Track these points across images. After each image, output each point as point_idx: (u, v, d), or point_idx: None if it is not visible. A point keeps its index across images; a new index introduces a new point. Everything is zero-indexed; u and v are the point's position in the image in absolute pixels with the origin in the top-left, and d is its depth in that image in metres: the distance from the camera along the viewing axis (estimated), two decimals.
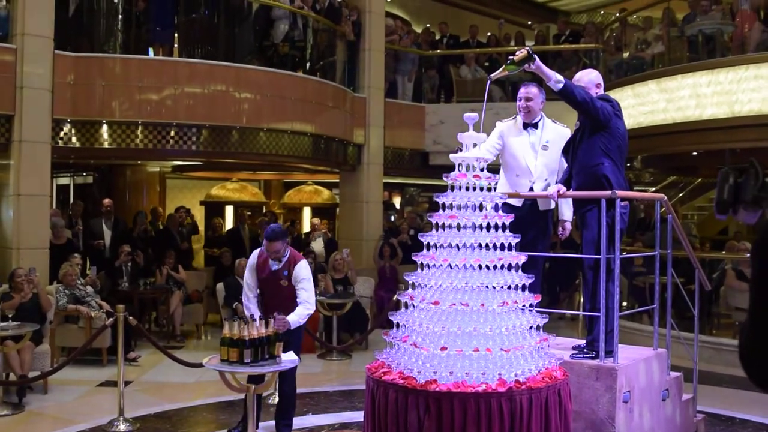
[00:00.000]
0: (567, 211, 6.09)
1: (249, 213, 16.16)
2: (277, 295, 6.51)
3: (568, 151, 5.71)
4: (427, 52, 16.07)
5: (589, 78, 5.71)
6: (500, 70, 5.46)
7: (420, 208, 18.79)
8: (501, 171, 5.93)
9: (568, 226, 6.14)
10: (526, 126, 5.94)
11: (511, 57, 5.42)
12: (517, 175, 5.89)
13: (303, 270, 6.50)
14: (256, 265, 6.58)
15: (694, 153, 12.79)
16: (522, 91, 5.95)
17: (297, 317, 6.28)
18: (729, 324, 11.03)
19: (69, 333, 9.57)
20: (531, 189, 5.86)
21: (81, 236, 11.98)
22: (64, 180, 17.65)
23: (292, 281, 6.46)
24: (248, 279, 6.62)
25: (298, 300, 6.39)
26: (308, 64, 13.18)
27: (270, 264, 6.54)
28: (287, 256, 6.52)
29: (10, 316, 8.07)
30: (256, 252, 6.68)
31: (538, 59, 5.30)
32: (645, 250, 10.77)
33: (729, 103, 10.71)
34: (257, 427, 6.26)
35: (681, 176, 17.68)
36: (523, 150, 5.88)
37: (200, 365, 6.30)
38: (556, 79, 5.30)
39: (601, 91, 5.67)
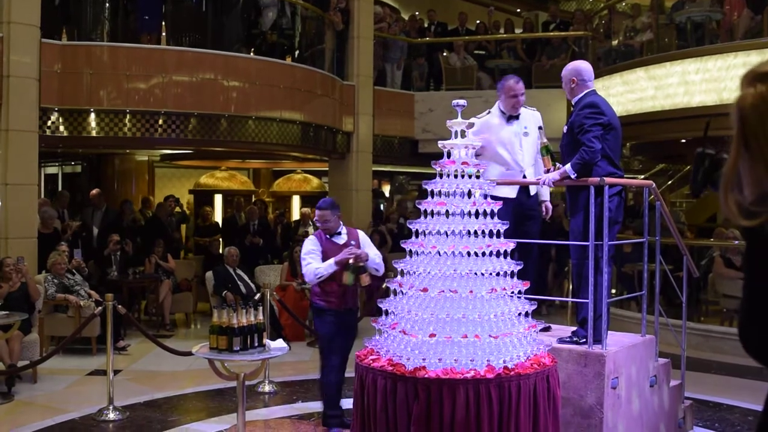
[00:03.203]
0: (546, 192, 6.16)
1: (242, 200, 16.13)
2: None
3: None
4: (416, 40, 16.03)
5: (563, 76, 5.72)
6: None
7: (409, 196, 18.79)
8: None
9: (550, 206, 6.19)
10: (510, 118, 5.98)
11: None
12: (508, 169, 5.91)
13: (366, 236, 6.66)
14: (321, 247, 6.42)
15: (683, 140, 12.83)
16: (520, 87, 5.95)
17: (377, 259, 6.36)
18: (717, 311, 11.08)
19: (58, 322, 9.55)
20: (524, 177, 5.93)
21: (70, 228, 11.95)
22: (52, 169, 17.57)
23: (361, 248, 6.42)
24: (316, 253, 6.38)
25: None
26: (297, 52, 13.14)
27: (334, 240, 6.46)
28: (345, 229, 6.54)
29: None
30: (312, 237, 6.54)
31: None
32: (634, 237, 10.80)
33: (717, 91, 10.73)
34: None
35: (670, 164, 17.73)
36: (511, 143, 5.92)
37: (190, 354, 6.29)
38: (569, 171, 5.36)
39: (577, 86, 5.61)
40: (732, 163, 1.64)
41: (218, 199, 17.32)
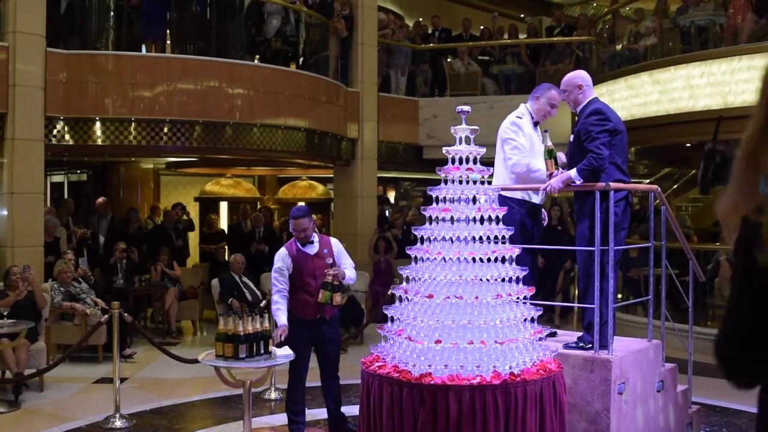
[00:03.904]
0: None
1: (248, 207, 16.15)
2: (322, 276, 6.36)
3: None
4: (420, 46, 16.04)
5: (569, 82, 5.76)
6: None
7: (414, 202, 18.78)
8: (505, 166, 5.94)
9: (545, 214, 6.25)
10: (535, 124, 6.08)
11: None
12: (534, 171, 5.94)
13: (339, 244, 6.64)
14: (292, 259, 6.37)
15: (688, 144, 12.80)
16: (558, 97, 6.00)
17: (351, 273, 6.45)
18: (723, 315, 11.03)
19: (64, 330, 9.57)
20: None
21: (75, 235, 11.98)
22: (58, 178, 17.61)
23: (335, 258, 6.43)
24: (281, 273, 6.38)
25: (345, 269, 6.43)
26: (301, 59, 13.16)
27: (306, 250, 6.41)
28: (317, 237, 6.50)
29: (5, 313, 8.05)
30: (283, 250, 6.48)
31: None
32: (639, 241, 10.78)
33: (722, 95, 10.71)
34: None
35: (675, 168, 17.70)
36: (539, 148, 5.97)
37: (196, 361, 6.31)
38: (575, 176, 5.41)
39: (583, 92, 5.66)
40: (755, 132, 1.66)
41: (224, 206, 17.34)
